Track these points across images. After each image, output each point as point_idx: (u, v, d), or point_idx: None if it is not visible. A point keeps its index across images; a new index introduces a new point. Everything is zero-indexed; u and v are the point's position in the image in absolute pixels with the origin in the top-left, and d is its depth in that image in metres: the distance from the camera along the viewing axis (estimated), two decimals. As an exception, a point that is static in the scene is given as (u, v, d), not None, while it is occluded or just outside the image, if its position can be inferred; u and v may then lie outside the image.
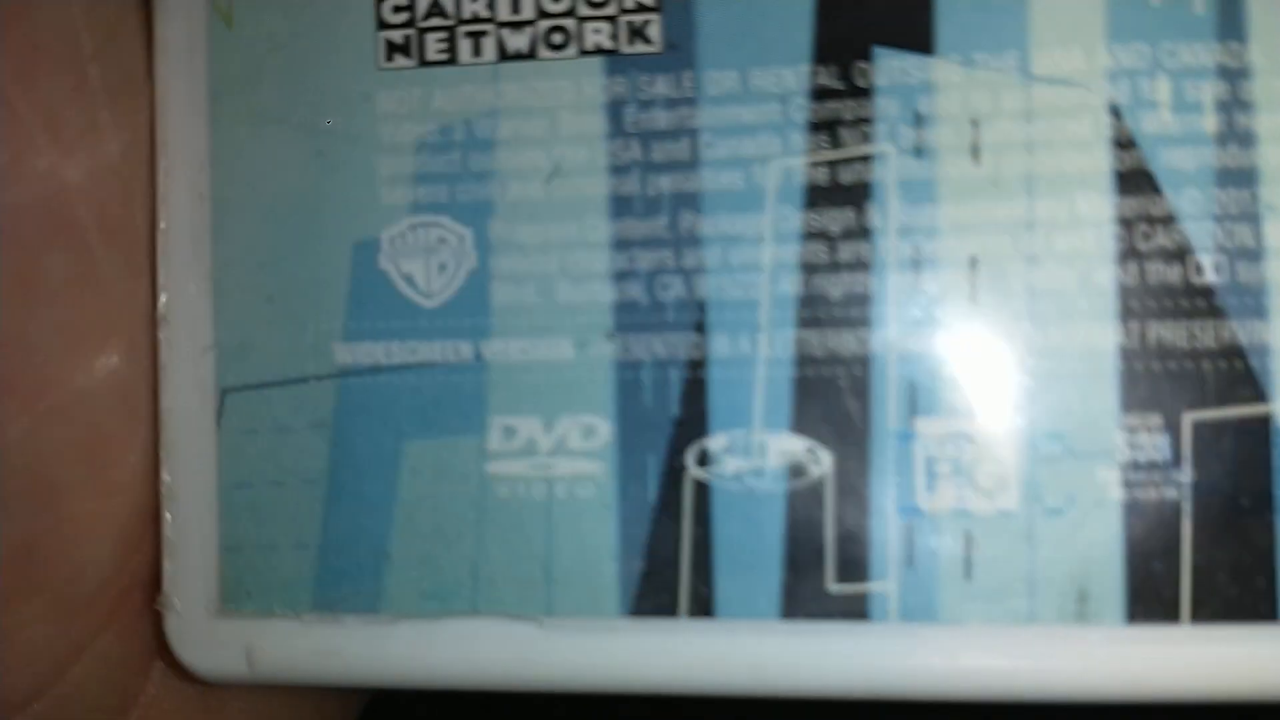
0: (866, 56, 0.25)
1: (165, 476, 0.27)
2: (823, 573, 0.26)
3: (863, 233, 0.25)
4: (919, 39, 0.25)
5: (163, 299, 0.27)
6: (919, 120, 0.25)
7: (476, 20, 0.26)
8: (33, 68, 0.25)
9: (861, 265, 0.25)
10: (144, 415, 0.27)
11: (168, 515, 0.27)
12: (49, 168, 0.25)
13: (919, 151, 0.25)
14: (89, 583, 0.27)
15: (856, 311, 0.25)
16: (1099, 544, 0.25)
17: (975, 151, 0.24)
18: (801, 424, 0.25)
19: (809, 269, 0.25)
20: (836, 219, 0.25)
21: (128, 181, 0.27)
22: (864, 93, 0.25)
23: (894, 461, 0.25)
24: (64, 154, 0.25)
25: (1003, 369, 0.25)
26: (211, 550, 0.27)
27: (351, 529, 0.27)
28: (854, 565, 0.26)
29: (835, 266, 0.25)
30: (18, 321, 0.25)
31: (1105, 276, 0.25)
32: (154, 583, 0.28)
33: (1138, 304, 0.25)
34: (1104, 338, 0.25)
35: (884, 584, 0.26)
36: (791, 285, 0.25)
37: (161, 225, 0.27)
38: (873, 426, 0.25)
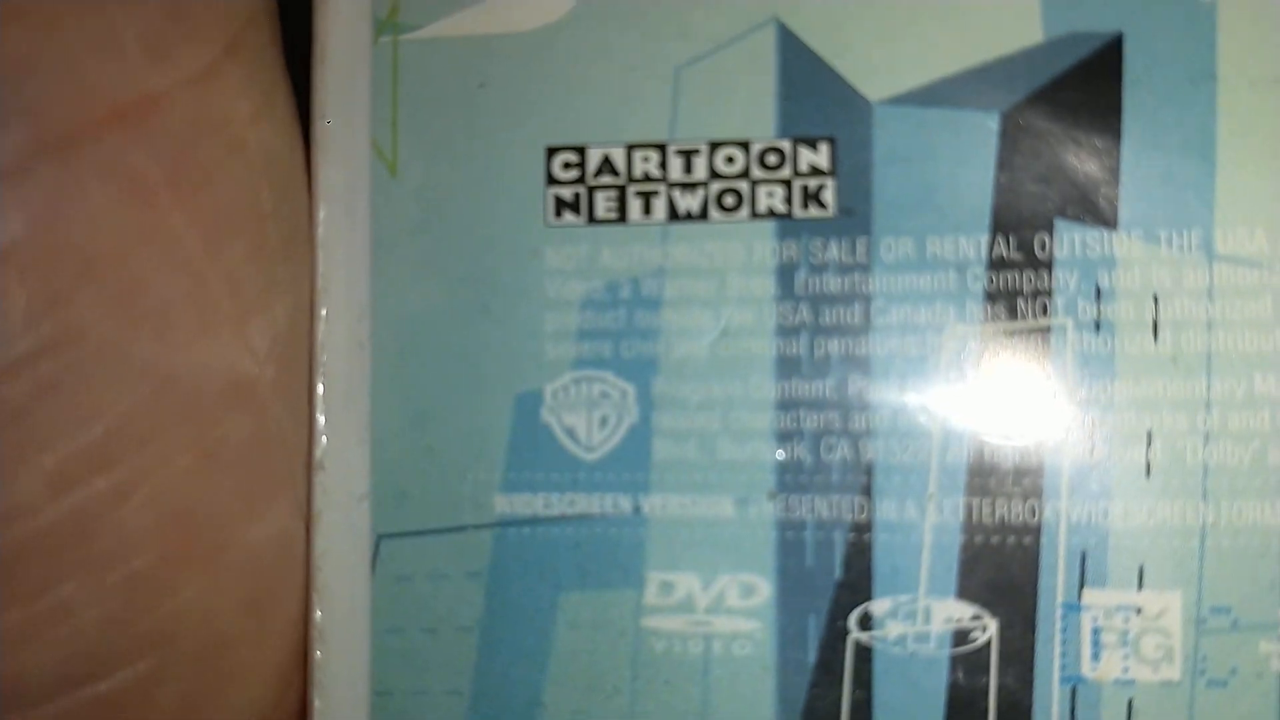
0: (1048, 229, 0.23)
1: (317, 615, 0.25)
2: (984, 738, 0.23)
3: (1037, 404, 0.23)
4: (1102, 213, 0.23)
5: (320, 445, 0.25)
6: (1099, 294, 0.23)
7: (647, 179, 0.24)
8: (219, 235, 0.24)
9: (1035, 436, 0.23)
10: (302, 557, 0.26)
11: (318, 654, 0.25)
12: (232, 335, 0.24)
13: (1098, 326, 0.23)
14: None
15: (1029, 481, 0.23)
16: (1257, 715, 0.23)
17: (1155, 328, 0.23)
18: (967, 590, 0.24)
19: (981, 437, 0.23)
20: (1011, 389, 0.23)
21: (299, 336, 0.25)
22: (1044, 265, 0.23)
23: (1060, 630, 0.24)
24: (245, 319, 0.24)
25: (1173, 542, 0.24)
26: (363, 693, 0.26)
27: (505, 678, 0.25)
28: (1015, 731, 0.23)
29: (1008, 436, 0.23)
30: (199, 489, 0.24)
31: (1278, 456, 0.23)
32: (302, 716, 0.26)
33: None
34: (1274, 515, 0.23)
35: (1044, 750, 0.23)
36: (962, 452, 0.23)
37: (320, 372, 0.25)
38: (1041, 595, 0.24)
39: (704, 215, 0.25)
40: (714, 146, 0.25)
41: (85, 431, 0.22)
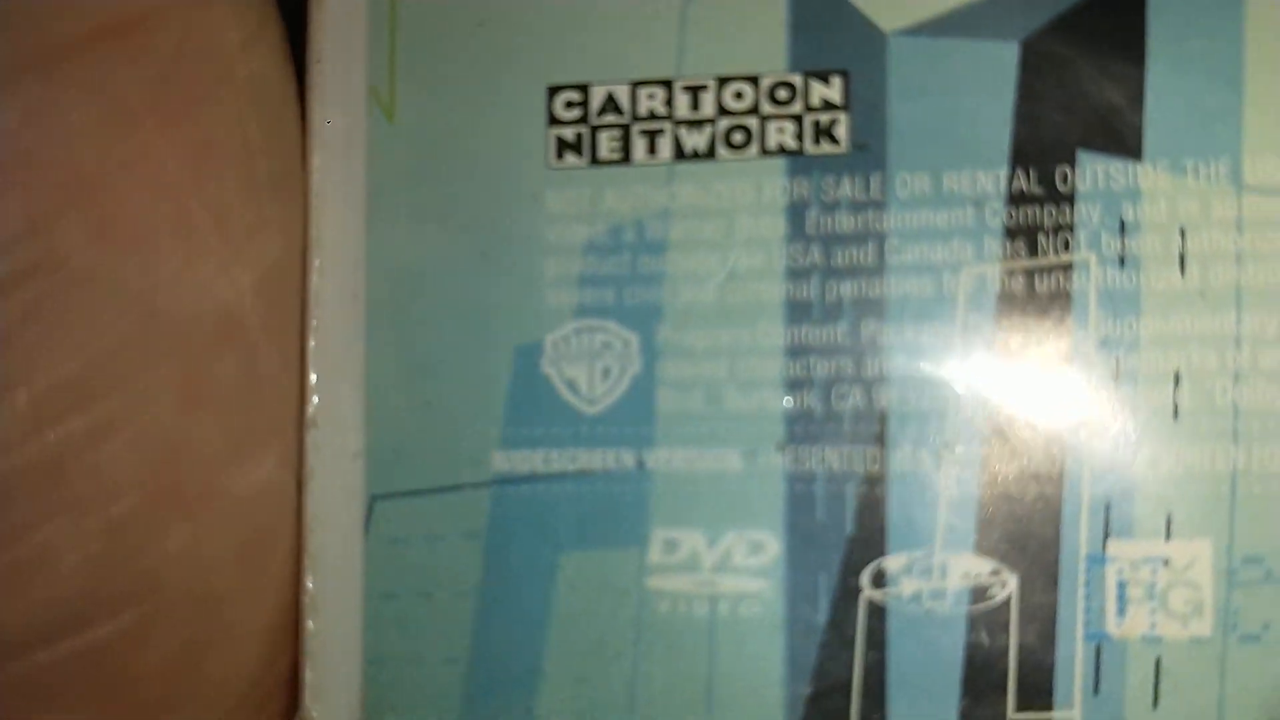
0: (1069, 160, 0.20)
1: (308, 584, 0.22)
2: (1004, 700, 0.22)
3: (1059, 344, 0.20)
4: (1126, 144, 0.21)
5: (313, 402, 0.22)
6: (1123, 228, 0.20)
7: (652, 118, 0.22)
8: (205, 165, 0.22)
9: (1057, 379, 0.20)
10: (293, 512, 0.23)
11: (310, 624, 0.23)
12: (219, 269, 0.22)
13: (1122, 261, 0.20)
14: (240, 685, 0.23)
15: (1049, 427, 0.20)
16: (1292, 672, 0.21)
17: (1182, 262, 0.20)
18: (986, 544, 0.22)
19: (999, 382, 0.20)
20: (1032, 329, 0.20)
21: (290, 278, 0.23)
22: (1065, 198, 0.21)
23: (1084, 585, 0.22)
24: (233, 254, 0.22)
25: (1202, 489, 0.21)
26: (355, 662, 0.23)
27: (503, 643, 0.23)
28: (1036, 692, 0.22)
29: (1028, 380, 0.20)
30: (184, 429, 0.22)
31: (1312, 395, 0.21)
32: (295, 684, 0.24)
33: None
34: (1309, 458, 0.21)
35: (1068, 712, 0.21)
36: (980, 399, 0.20)
37: (313, 325, 0.22)
38: (1063, 548, 0.22)
39: (711, 154, 0.23)
40: (722, 82, 0.23)
41: (64, 365, 0.20)
